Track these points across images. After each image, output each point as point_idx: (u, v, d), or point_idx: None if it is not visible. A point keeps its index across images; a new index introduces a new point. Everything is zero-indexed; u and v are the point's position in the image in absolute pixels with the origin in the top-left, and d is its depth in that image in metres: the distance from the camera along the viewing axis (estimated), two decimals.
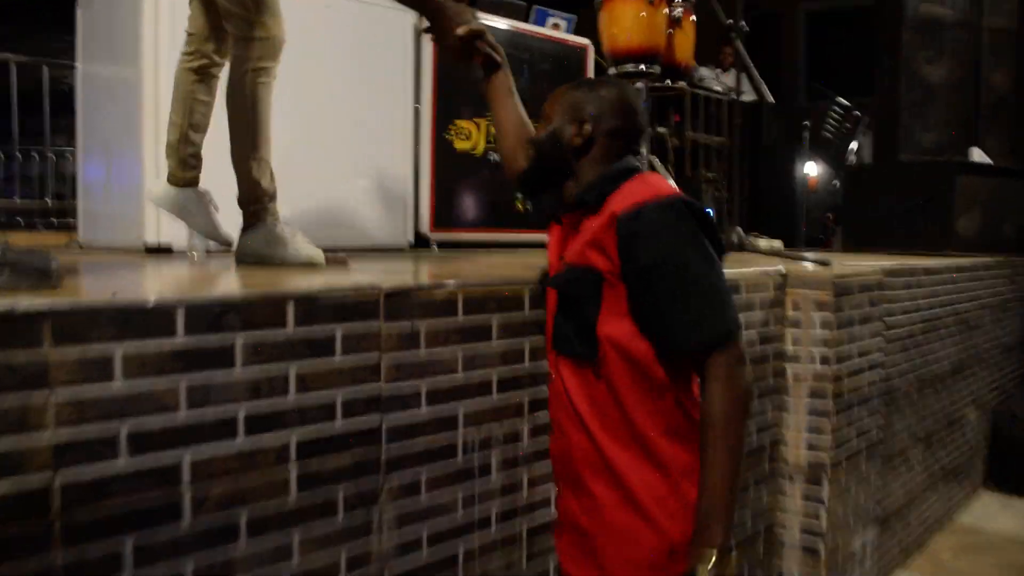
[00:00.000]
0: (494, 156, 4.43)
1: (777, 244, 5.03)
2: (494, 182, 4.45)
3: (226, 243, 2.36)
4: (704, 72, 5.88)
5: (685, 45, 3.05)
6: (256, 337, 1.29)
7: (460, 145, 4.31)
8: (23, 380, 1.06)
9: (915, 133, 4.93)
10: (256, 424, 1.30)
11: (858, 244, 4.98)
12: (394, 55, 4.07)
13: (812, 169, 6.54)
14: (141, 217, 3.28)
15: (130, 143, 3.33)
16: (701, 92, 4.78)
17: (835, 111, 7.31)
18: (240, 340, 1.28)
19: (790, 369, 2.47)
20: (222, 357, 1.26)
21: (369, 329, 1.45)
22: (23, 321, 1.07)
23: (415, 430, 1.53)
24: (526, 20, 4.65)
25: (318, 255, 2.12)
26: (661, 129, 5.19)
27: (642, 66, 2.93)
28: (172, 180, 2.33)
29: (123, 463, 1.15)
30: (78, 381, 1.11)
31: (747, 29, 3.08)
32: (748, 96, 6.41)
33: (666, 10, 2.93)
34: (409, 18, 4.10)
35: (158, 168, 2.86)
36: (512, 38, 4.46)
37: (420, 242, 4.20)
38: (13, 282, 1.22)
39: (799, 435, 2.44)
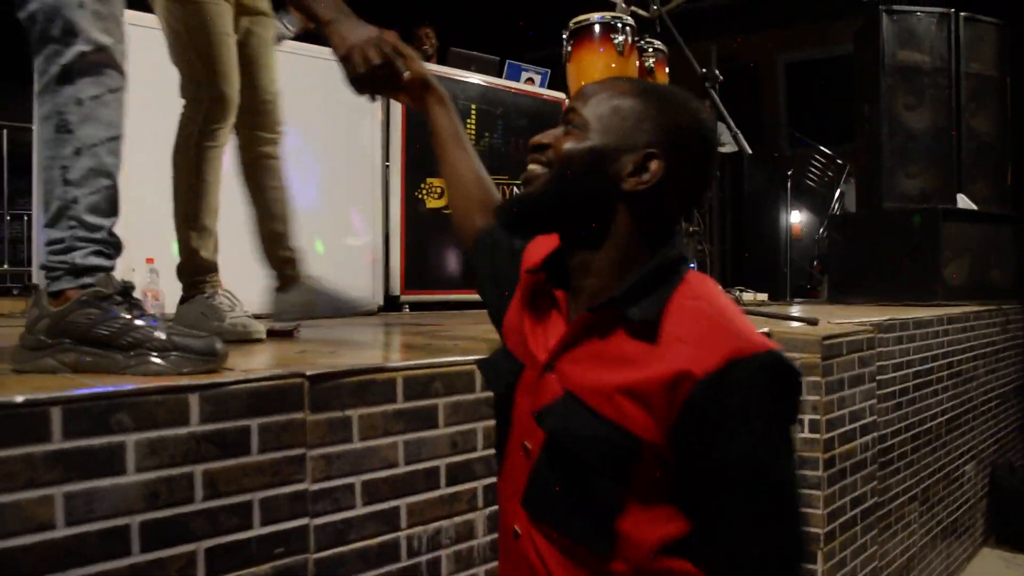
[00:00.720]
0: None
1: (762, 297, 4.91)
2: None
3: (367, 308, 2.27)
4: None
5: None
6: (152, 437, 1.12)
7: (432, 203, 4.19)
8: None
9: (898, 180, 4.83)
10: (154, 536, 1.12)
11: (845, 294, 4.86)
12: (362, 113, 3.97)
13: (796, 217, 6.46)
14: None
15: None
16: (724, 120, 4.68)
17: (817, 159, 7.26)
18: (132, 440, 1.11)
19: None
20: (110, 461, 1.09)
21: (292, 421, 1.29)
22: None
23: (348, 531, 1.36)
24: (500, 75, 4.58)
25: (256, 328, 1.97)
26: None
27: None
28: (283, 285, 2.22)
29: None
30: None
31: (721, 79, 2.98)
32: (729, 147, 6.37)
33: (637, 61, 2.82)
34: None
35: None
36: (486, 93, 4.38)
37: (391, 304, 4.05)
38: (177, 365, 1.24)
39: None
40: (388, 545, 1.41)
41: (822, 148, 7.41)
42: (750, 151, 2.45)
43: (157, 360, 1.22)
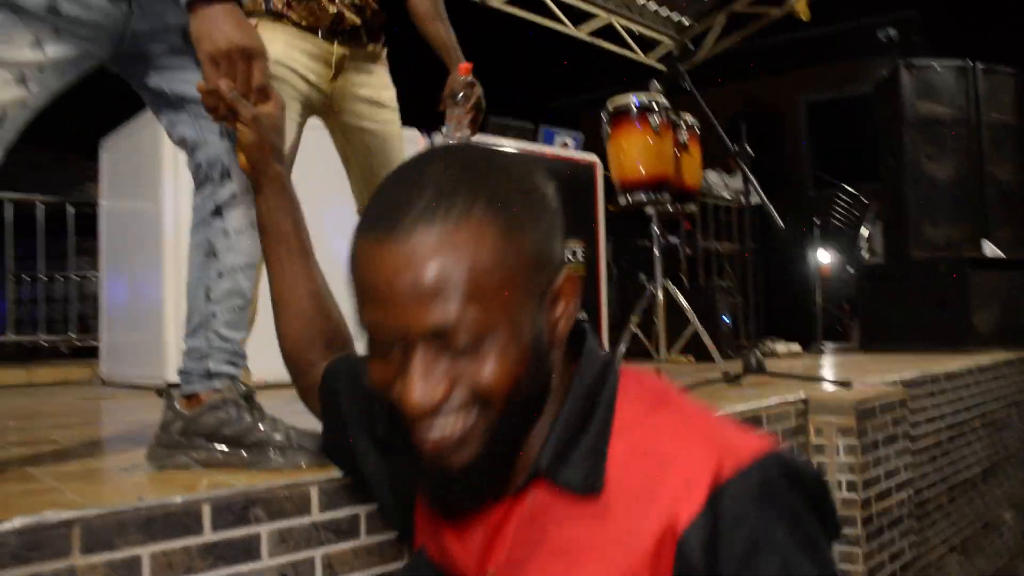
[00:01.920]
0: None
1: (795, 348, 5.04)
2: None
3: None
4: (712, 178, 5.99)
5: (692, 168, 3.13)
6: (281, 527, 1.31)
7: None
8: None
9: (924, 230, 4.97)
10: None
11: (876, 341, 4.97)
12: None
13: (824, 257, 6.58)
14: (162, 355, 3.34)
15: (152, 275, 3.43)
16: (710, 201, 4.86)
17: (842, 199, 7.40)
18: (265, 530, 1.29)
19: None
20: (249, 549, 1.27)
21: None
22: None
23: None
24: (534, 140, 4.79)
25: None
26: (672, 239, 5.27)
27: (652, 195, 3.00)
28: None
29: None
30: None
31: (744, 124, 3.11)
32: (757, 199, 6.53)
33: (671, 138, 3.02)
34: (421, 146, 4.23)
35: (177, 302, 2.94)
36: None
37: None
38: (293, 462, 1.39)
39: None
40: None
41: (846, 187, 7.56)
42: (783, 225, 2.60)
43: (278, 459, 1.40)
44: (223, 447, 1.43)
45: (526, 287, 0.74)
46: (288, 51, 2.09)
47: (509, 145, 4.57)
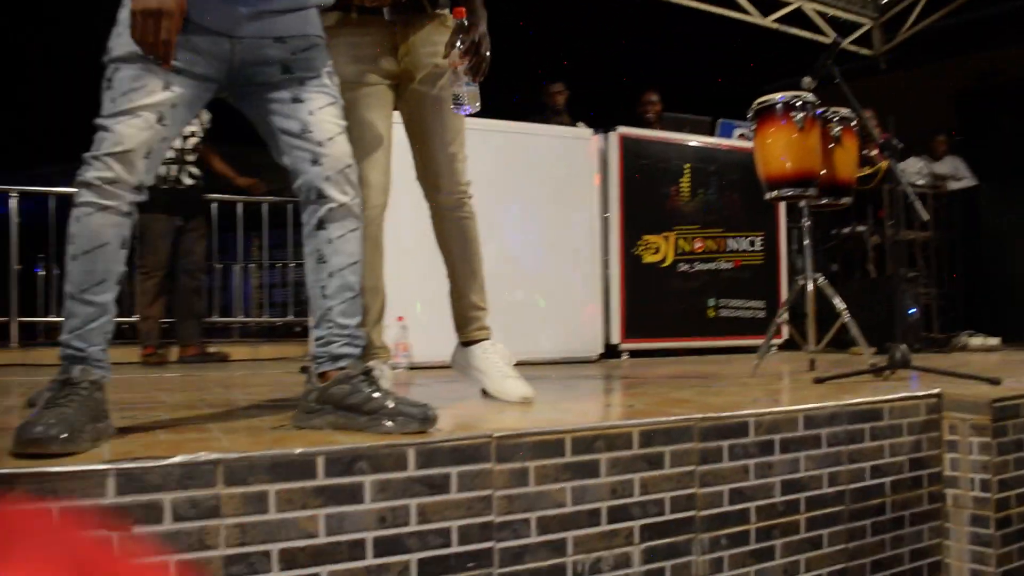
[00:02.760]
0: (683, 267, 4.61)
1: (993, 341, 4.71)
2: (684, 291, 4.62)
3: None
4: (911, 163, 5.69)
5: (847, 162, 3.10)
6: (381, 478, 1.62)
7: (649, 259, 4.55)
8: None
9: None
10: (382, 547, 1.61)
11: None
12: (581, 180, 4.43)
13: None
14: None
15: None
16: (902, 188, 4.67)
17: None
18: (368, 480, 1.60)
19: (950, 494, 2.41)
20: (354, 494, 1.59)
21: (482, 469, 1.73)
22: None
23: (524, 554, 1.77)
24: (712, 134, 4.86)
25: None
26: (860, 228, 5.10)
27: (798, 190, 3.02)
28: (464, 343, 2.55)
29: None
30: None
31: (902, 145, 3.05)
32: (966, 182, 6.08)
33: (818, 132, 3.01)
34: (593, 145, 4.46)
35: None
36: (699, 152, 4.68)
37: (610, 352, 4.45)
38: (401, 426, 1.71)
39: (961, 564, 2.35)
40: (556, 567, 1.80)
41: None
42: (926, 217, 2.56)
43: (388, 423, 1.72)
44: (347, 413, 1.76)
45: None
46: (356, 67, 2.27)
47: (687, 139, 4.68)
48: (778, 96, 3.00)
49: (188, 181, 4.81)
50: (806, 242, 3.16)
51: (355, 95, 2.26)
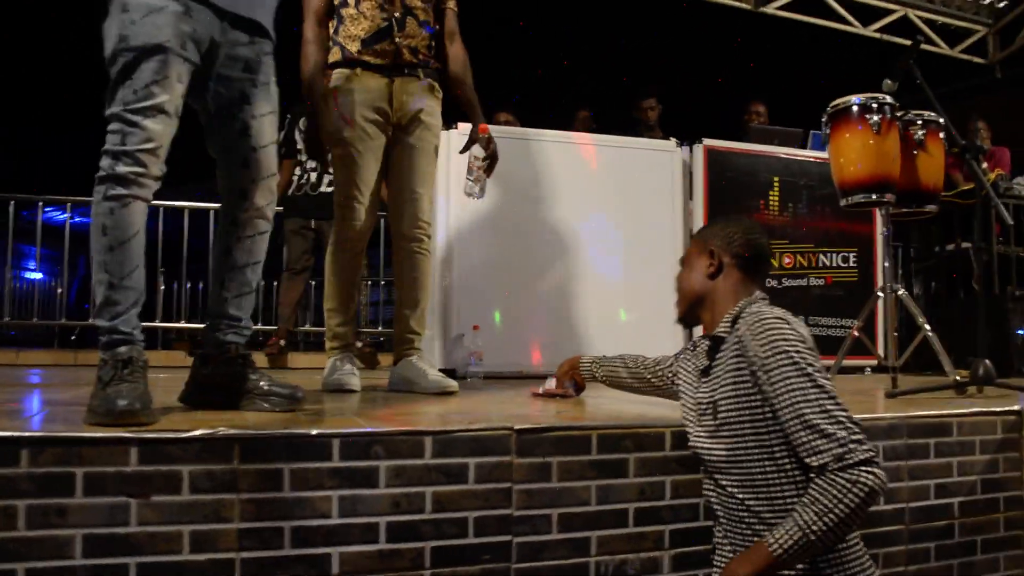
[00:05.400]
0: (770, 283, 4.47)
1: None
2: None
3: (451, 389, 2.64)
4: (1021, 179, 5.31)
5: (931, 168, 2.92)
6: (397, 464, 1.64)
7: None
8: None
9: None
10: (396, 532, 1.62)
11: None
12: (665, 192, 4.37)
13: None
14: (431, 344, 3.86)
15: None
16: (1010, 201, 4.40)
17: None
18: (383, 465, 1.63)
19: None
20: (369, 478, 1.62)
21: (501, 462, 1.72)
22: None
23: (544, 550, 1.75)
24: (803, 146, 4.69)
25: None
26: (965, 244, 4.80)
27: (873, 195, 2.88)
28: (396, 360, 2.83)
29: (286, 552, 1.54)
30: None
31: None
32: None
33: (896, 136, 2.86)
34: (678, 157, 4.39)
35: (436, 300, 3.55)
36: (789, 165, 4.54)
37: None
38: (274, 406, 1.90)
39: None
40: (579, 566, 1.77)
41: None
42: (1011, 222, 2.40)
43: (263, 403, 1.90)
44: (227, 393, 1.93)
45: None
46: (361, 111, 2.66)
47: (777, 151, 4.54)
48: (854, 98, 2.88)
49: (325, 189, 4.89)
50: (879, 251, 3.00)
51: (356, 135, 2.68)
